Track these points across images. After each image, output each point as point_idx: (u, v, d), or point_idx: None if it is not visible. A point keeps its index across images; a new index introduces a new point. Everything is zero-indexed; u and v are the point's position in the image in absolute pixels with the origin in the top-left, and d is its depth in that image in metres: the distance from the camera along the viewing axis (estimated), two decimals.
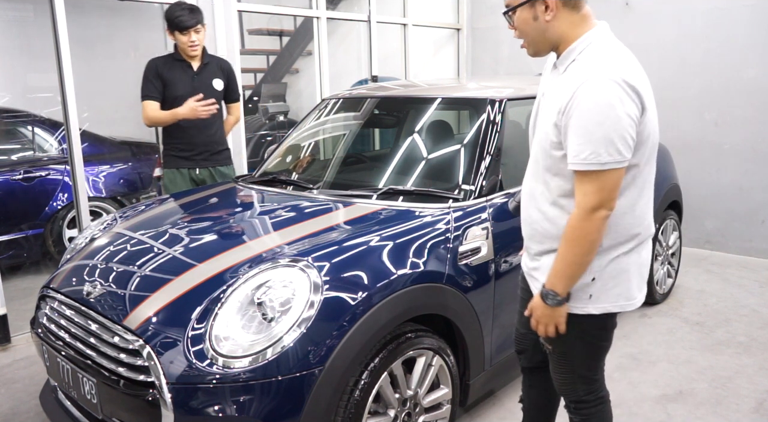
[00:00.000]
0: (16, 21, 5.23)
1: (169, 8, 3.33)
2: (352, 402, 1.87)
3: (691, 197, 4.81)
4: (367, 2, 5.31)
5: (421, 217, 2.29)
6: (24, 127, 4.81)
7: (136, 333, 1.85)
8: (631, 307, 1.68)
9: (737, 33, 4.65)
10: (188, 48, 3.34)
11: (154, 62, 3.38)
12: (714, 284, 4.25)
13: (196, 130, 3.41)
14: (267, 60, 7.05)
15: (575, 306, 1.65)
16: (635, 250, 1.65)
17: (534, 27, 1.61)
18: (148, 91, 3.34)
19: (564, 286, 1.60)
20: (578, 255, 1.56)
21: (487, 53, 6.27)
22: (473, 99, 2.84)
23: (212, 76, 3.48)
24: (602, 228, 1.53)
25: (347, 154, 3.29)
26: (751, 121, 4.69)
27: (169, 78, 3.35)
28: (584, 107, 1.48)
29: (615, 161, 1.48)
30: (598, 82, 1.47)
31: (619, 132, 1.46)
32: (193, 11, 3.32)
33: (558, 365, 1.79)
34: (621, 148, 1.47)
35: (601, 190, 1.50)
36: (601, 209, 1.51)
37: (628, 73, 1.49)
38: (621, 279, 1.64)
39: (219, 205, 2.83)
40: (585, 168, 1.49)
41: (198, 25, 3.32)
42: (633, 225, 1.62)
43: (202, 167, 3.49)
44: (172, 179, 3.46)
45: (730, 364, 3.08)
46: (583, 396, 1.79)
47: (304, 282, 1.87)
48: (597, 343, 1.74)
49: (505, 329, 2.46)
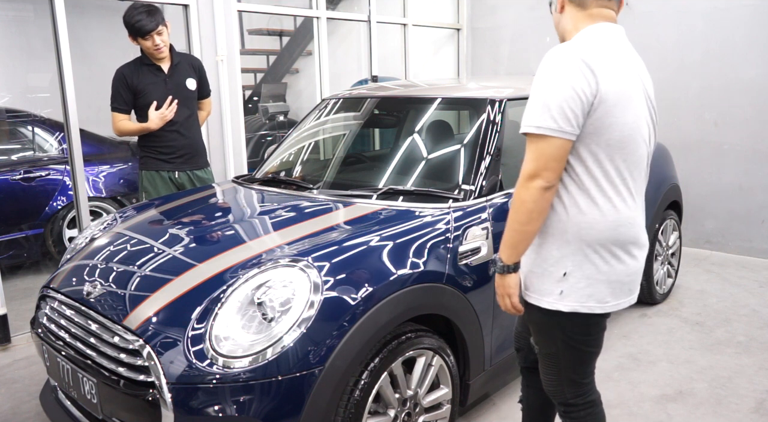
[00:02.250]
0: (16, 21, 5.23)
1: (127, 12, 3.15)
2: (352, 402, 1.87)
3: (691, 197, 4.82)
4: (367, 2, 5.31)
5: (421, 217, 2.29)
6: (24, 127, 4.81)
7: (136, 333, 1.85)
8: (601, 310, 1.65)
9: (737, 33, 4.65)
10: (154, 51, 3.19)
11: (121, 72, 3.24)
12: (714, 284, 4.25)
13: (176, 134, 3.32)
14: (267, 60, 7.05)
15: (545, 300, 1.66)
16: (615, 256, 1.62)
17: (554, 17, 1.73)
18: (117, 104, 3.23)
19: (508, 254, 1.63)
20: (516, 222, 1.58)
21: (487, 53, 6.27)
22: (473, 99, 2.84)
23: (185, 76, 3.36)
24: (538, 200, 1.54)
25: (347, 154, 3.29)
26: (751, 121, 4.69)
27: (140, 86, 3.21)
28: (537, 77, 1.55)
29: (549, 128, 1.49)
30: (553, 55, 1.54)
31: (557, 101, 1.48)
32: (151, 13, 3.14)
33: (545, 366, 1.79)
34: (557, 115, 1.49)
35: (538, 158, 1.52)
36: (537, 178, 1.52)
37: (590, 54, 1.51)
38: (596, 281, 1.62)
39: (219, 205, 2.83)
40: (524, 130, 1.54)
41: (159, 27, 3.16)
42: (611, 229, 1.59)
43: (181, 170, 3.38)
44: (151, 181, 3.35)
45: (730, 364, 3.08)
46: (570, 399, 1.78)
47: (304, 282, 1.87)
48: (581, 348, 1.71)
49: (505, 329, 2.46)
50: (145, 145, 3.35)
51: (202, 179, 3.46)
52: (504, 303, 1.71)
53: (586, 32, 1.60)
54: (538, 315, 1.70)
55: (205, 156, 3.54)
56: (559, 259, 1.62)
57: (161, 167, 3.35)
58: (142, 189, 3.40)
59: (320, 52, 4.99)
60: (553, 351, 1.73)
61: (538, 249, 1.66)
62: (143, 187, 3.38)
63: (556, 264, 1.63)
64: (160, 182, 3.36)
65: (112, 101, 3.24)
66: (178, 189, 3.38)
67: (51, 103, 4.42)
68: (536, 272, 1.67)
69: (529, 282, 1.69)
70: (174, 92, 3.28)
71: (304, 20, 6.66)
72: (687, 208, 4.57)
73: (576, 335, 1.69)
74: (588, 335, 1.71)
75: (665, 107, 4.97)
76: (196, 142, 3.44)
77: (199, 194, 2.99)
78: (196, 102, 3.45)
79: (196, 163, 3.44)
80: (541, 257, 1.65)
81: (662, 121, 1.79)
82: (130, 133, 3.29)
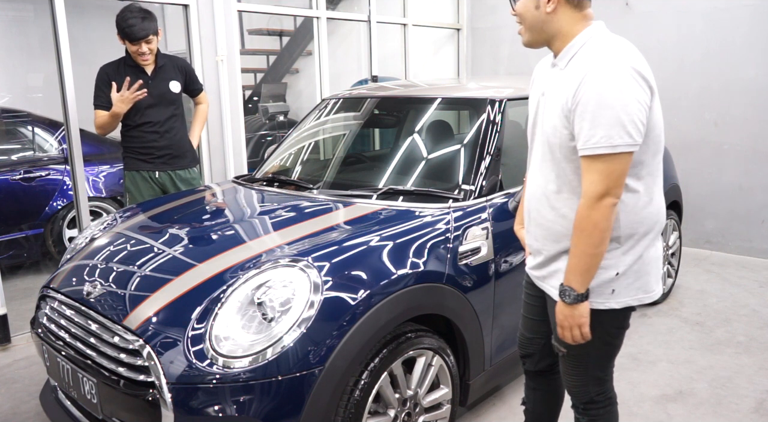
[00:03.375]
0: (16, 21, 5.24)
1: (121, 12, 3.11)
2: (352, 402, 1.87)
3: (691, 197, 4.82)
4: (367, 2, 5.31)
5: (421, 217, 2.29)
6: (24, 127, 4.81)
7: (136, 333, 1.85)
8: (650, 300, 1.68)
9: (737, 33, 4.65)
10: (139, 58, 3.17)
11: (104, 70, 3.23)
12: (714, 284, 4.25)
13: (156, 135, 3.29)
14: (267, 60, 7.05)
15: (597, 301, 1.63)
16: (654, 243, 1.66)
17: (534, 15, 1.62)
18: (99, 101, 3.20)
19: (580, 281, 1.57)
20: (589, 246, 1.53)
21: (487, 53, 6.27)
22: (473, 99, 2.84)
23: (168, 79, 3.32)
24: (610, 217, 1.51)
25: (347, 154, 3.29)
26: (751, 121, 4.69)
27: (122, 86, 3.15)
28: (593, 92, 1.48)
29: (626, 144, 1.47)
30: (606, 68, 1.48)
31: (629, 115, 1.46)
32: (145, 19, 3.09)
33: (571, 366, 1.77)
34: (632, 130, 1.47)
35: (608, 176, 1.49)
36: (607, 196, 1.50)
37: (635, 61, 1.50)
38: (642, 272, 1.64)
39: (219, 204, 2.83)
40: (596, 152, 1.48)
41: (149, 36, 3.11)
42: (653, 215, 1.63)
43: (161, 170, 3.34)
44: (132, 181, 3.33)
45: (730, 364, 3.08)
46: (594, 396, 1.78)
47: (304, 282, 1.87)
48: (613, 342, 1.73)
49: (505, 329, 2.46)
50: (127, 146, 3.33)
51: (185, 179, 3.41)
52: (574, 334, 1.62)
53: (599, 37, 1.57)
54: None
55: (191, 156, 3.47)
56: (609, 260, 1.61)
57: (141, 167, 3.32)
58: (125, 190, 3.38)
59: (320, 52, 4.99)
60: (585, 350, 1.71)
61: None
62: (126, 187, 3.37)
63: (606, 266, 1.61)
64: (141, 182, 3.33)
65: (95, 99, 3.21)
66: (160, 189, 3.36)
67: (51, 103, 4.42)
68: None
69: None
70: (156, 95, 3.25)
71: (304, 20, 6.66)
72: (687, 208, 4.57)
73: (612, 329, 1.70)
74: (622, 328, 1.72)
75: (665, 107, 4.92)
76: (178, 143, 3.37)
77: (199, 194, 2.99)
78: (180, 103, 3.41)
79: (177, 163, 3.38)
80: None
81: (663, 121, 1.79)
82: (106, 124, 3.21)
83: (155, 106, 3.26)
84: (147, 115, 3.25)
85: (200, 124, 3.61)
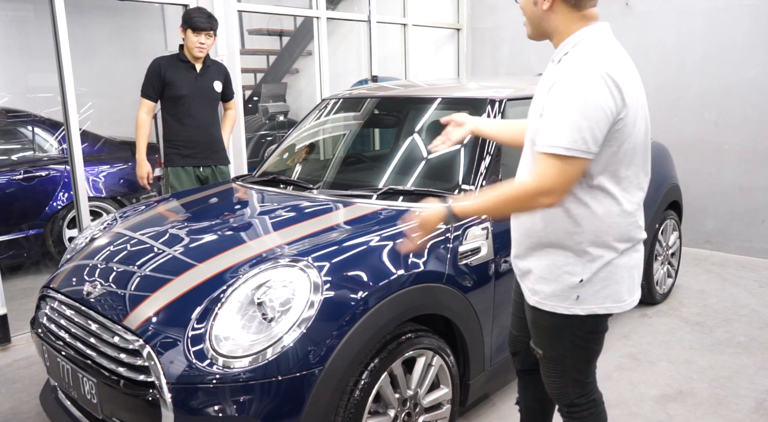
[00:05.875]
0: (16, 21, 5.23)
1: (190, 9, 3.60)
2: (352, 402, 1.87)
3: (691, 197, 4.81)
4: (367, 2, 5.31)
5: None
6: (24, 127, 4.81)
7: (136, 333, 1.85)
8: (619, 310, 1.66)
9: (737, 33, 4.65)
10: (195, 48, 3.47)
11: (157, 62, 3.52)
12: (714, 284, 4.25)
13: (200, 129, 3.55)
14: (267, 60, 7.05)
15: (561, 305, 1.64)
16: (626, 253, 1.63)
17: (532, 10, 1.64)
18: (146, 90, 3.51)
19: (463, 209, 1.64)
20: (496, 209, 1.63)
21: (487, 53, 6.27)
22: (473, 99, 2.84)
23: (213, 79, 3.65)
24: (534, 212, 1.60)
25: (347, 154, 3.29)
26: (751, 121, 4.69)
27: (172, 79, 3.49)
28: (561, 94, 1.48)
29: (579, 150, 1.45)
30: (579, 71, 1.48)
31: (588, 122, 1.44)
32: (210, 17, 3.51)
33: (549, 369, 1.78)
34: (588, 137, 1.45)
35: (558, 176, 1.48)
36: (550, 195, 1.49)
37: (613, 68, 1.48)
38: (610, 281, 1.62)
39: (219, 204, 2.83)
40: (549, 150, 1.47)
41: (211, 30, 3.50)
42: (624, 225, 1.60)
43: (205, 165, 3.62)
44: (177, 176, 3.55)
45: (730, 364, 3.08)
46: (575, 399, 1.78)
47: (304, 282, 1.87)
48: (588, 347, 1.72)
49: (505, 329, 2.45)
50: (169, 141, 3.57)
51: (225, 174, 3.70)
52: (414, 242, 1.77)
53: (593, 38, 1.56)
54: (550, 320, 1.68)
55: (225, 152, 3.77)
56: (575, 266, 1.61)
57: (186, 163, 3.57)
58: (167, 185, 3.58)
59: (320, 52, 4.99)
60: (560, 353, 1.72)
61: (551, 256, 1.64)
62: (169, 182, 3.57)
63: (572, 272, 1.61)
64: (185, 177, 3.56)
65: (143, 87, 3.50)
66: (202, 183, 3.58)
67: (51, 102, 4.43)
68: (548, 278, 1.65)
69: (540, 288, 1.67)
70: (202, 90, 3.55)
71: (304, 20, 6.66)
72: (687, 208, 4.56)
73: (585, 334, 1.69)
74: (596, 333, 1.71)
75: (665, 107, 4.97)
76: (219, 139, 3.70)
77: (199, 194, 2.99)
78: (218, 103, 3.75)
79: (219, 158, 3.69)
80: (555, 264, 1.63)
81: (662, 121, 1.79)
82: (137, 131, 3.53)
83: (199, 101, 3.53)
84: (191, 108, 3.54)
85: (229, 127, 3.92)
